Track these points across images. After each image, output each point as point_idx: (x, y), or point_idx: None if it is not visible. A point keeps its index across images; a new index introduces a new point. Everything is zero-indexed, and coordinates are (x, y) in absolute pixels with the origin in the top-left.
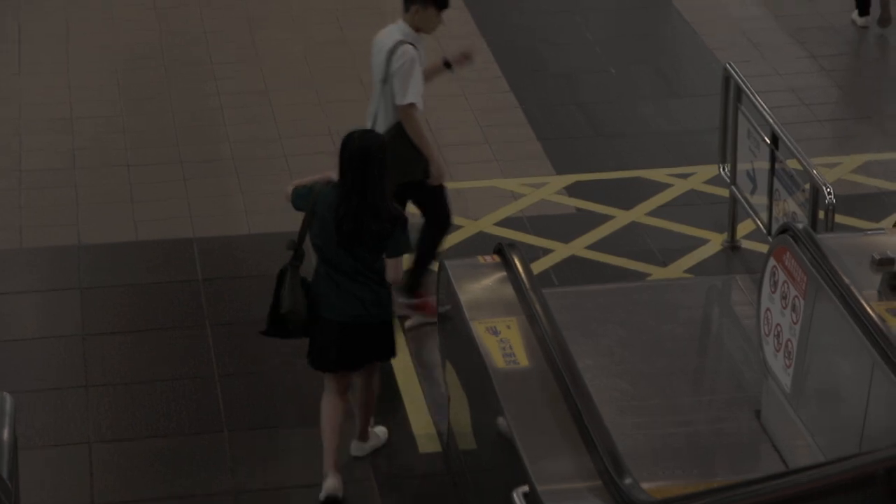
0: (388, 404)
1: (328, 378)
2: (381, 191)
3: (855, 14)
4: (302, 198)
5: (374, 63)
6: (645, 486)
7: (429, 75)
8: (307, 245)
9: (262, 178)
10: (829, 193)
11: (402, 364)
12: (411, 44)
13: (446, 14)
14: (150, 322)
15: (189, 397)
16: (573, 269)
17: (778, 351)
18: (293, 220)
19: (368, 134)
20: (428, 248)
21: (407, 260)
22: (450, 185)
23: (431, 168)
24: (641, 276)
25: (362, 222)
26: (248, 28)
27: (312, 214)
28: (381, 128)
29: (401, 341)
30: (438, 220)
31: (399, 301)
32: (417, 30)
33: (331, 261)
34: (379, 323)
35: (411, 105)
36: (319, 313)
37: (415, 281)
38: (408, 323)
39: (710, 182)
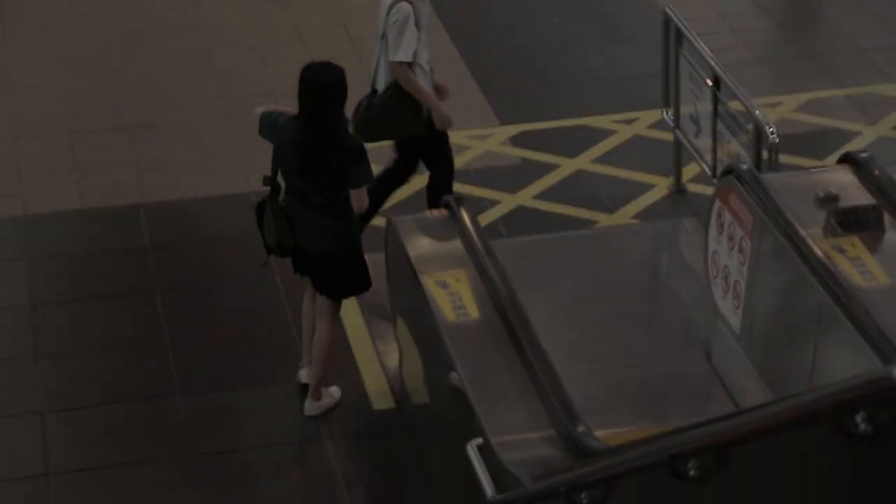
0: (339, 361)
1: (307, 282)
2: (338, 122)
3: None
4: (267, 127)
5: (380, 19)
6: (598, 433)
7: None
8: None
9: (205, 140)
10: (773, 133)
11: (354, 321)
12: (409, 2)
13: None
14: (99, 290)
15: (141, 363)
16: (521, 220)
17: (726, 292)
18: (238, 182)
19: (325, 66)
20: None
21: None
22: None
23: (434, 117)
24: (589, 223)
25: (321, 153)
26: (209, 50)
27: (278, 147)
28: (381, 83)
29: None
30: (444, 170)
31: None
32: None
33: (297, 192)
34: (346, 254)
35: (402, 63)
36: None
37: None
38: None
39: (653, 127)
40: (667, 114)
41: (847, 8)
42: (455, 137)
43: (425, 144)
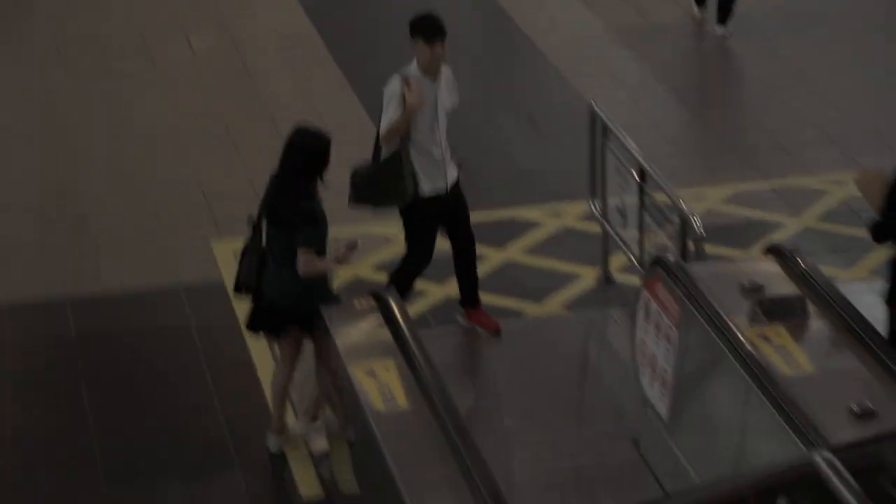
0: (268, 451)
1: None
2: (296, 184)
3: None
4: None
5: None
6: None
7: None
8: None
9: (132, 234)
10: (698, 224)
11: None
12: (406, 77)
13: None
14: (24, 382)
15: (63, 456)
16: (449, 310)
17: (654, 381)
18: (163, 276)
19: (312, 132)
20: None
21: None
22: None
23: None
24: (518, 313)
25: (275, 208)
26: (115, 93)
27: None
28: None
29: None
30: (417, 256)
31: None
32: (422, 66)
33: (266, 239)
34: (285, 309)
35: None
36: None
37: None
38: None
39: (581, 218)
40: (594, 205)
41: (767, 103)
42: (385, 229)
43: (408, 217)
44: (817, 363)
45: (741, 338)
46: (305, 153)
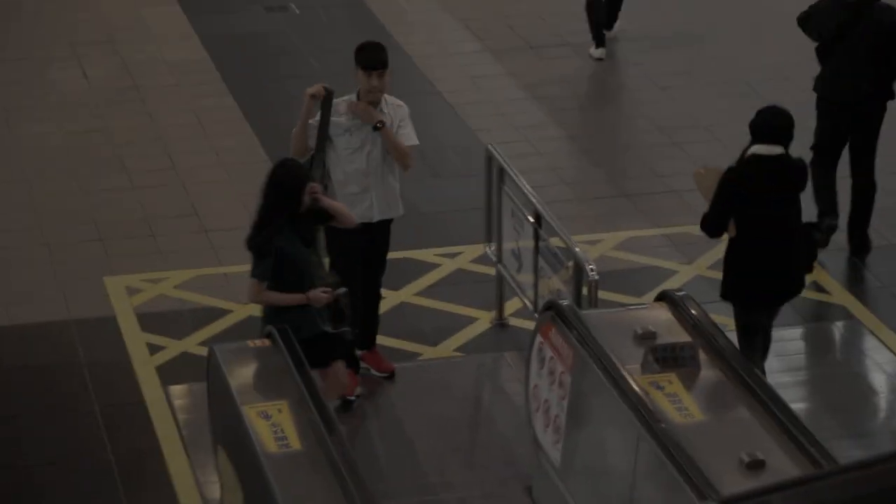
0: (157, 491)
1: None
2: (261, 214)
3: (593, 48)
4: None
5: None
6: None
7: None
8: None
9: (23, 268)
10: (592, 270)
11: (174, 450)
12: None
13: None
14: None
15: None
16: None
17: (547, 426)
18: (54, 310)
19: (283, 164)
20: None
21: None
22: (217, 270)
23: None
24: (413, 356)
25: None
26: (5, 121)
27: None
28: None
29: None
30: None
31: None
32: (361, 94)
33: None
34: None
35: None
36: None
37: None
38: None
39: (476, 261)
40: (489, 249)
41: (662, 151)
42: None
43: (329, 243)
44: (708, 411)
45: (633, 385)
46: (268, 181)
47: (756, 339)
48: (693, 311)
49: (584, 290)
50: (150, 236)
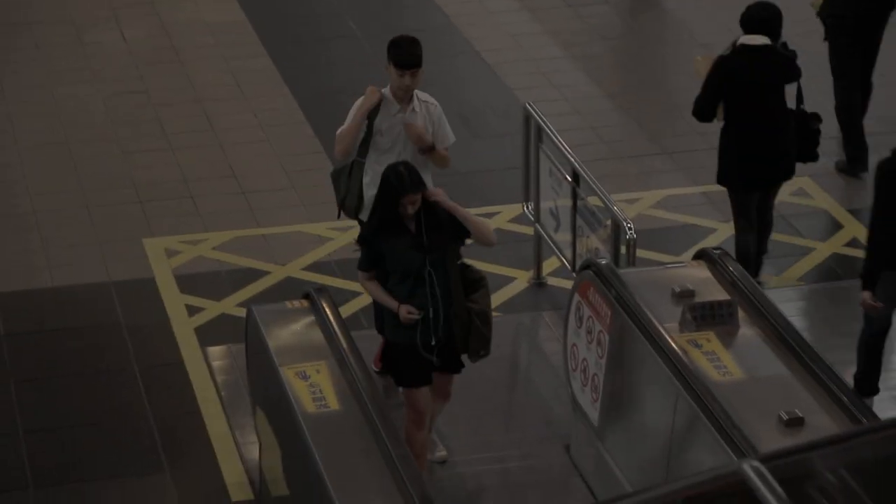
0: (198, 452)
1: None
2: (373, 207)
3: None
4: None
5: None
6: None
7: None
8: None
9: (64, 230)
10: (630, 229)
11: (213, 410)
12: (379, 93)
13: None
14: None
15: None
16: None
17: (585, 386)
18: (94, 273)
19: (395, 164)
20: None
21: None
22: (255, 232)
23: None
24: None
25: None
26: (45, 83)
27: None
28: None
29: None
30: None
31: None
32: (392, 91)
33: None
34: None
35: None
36: None
37: None
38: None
39: (514, 220)
40: (527, 208)
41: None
42: (317, 229)
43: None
44: (746, 370)
45: (671, 343)
46: (382, 185)
47: (751, 217)
48: (731, 269)
49: (623, 249)
50: (188, 198)
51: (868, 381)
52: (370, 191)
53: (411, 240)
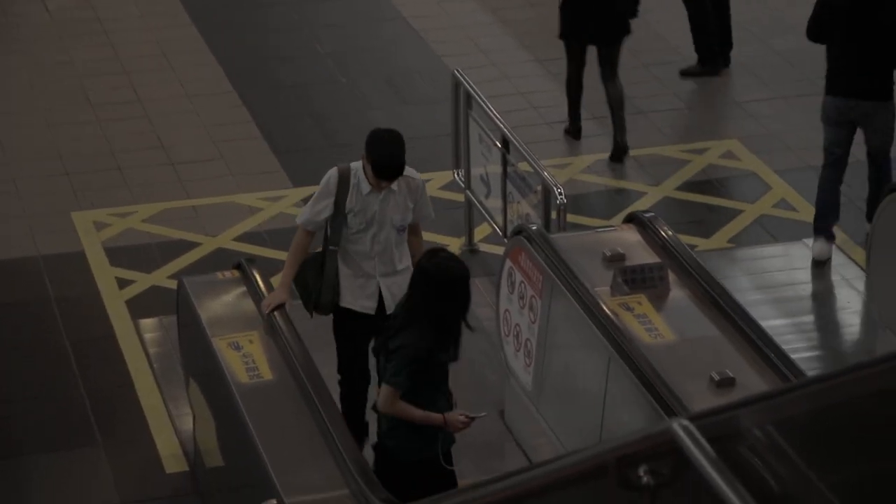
0: (132, 425)
1: None
2: (411, 310)
3: None
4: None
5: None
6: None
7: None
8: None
9: None
10: (560, 194)
11: (146, 383)
12: (346, 168)
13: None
14: None
15: None
16: None
17: (518, 351)
18: (22, 247)
19: (434, 251)
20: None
21: None
22: (185, 203)
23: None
24: None
25: (388, 338)
26: None
27: None
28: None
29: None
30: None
31: None
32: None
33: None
34: (388, 457)
35: (299, 226)
36: None
37: None
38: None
39: (445, 187)
40: (458, 175)
41: (631, 73)
42: (248, 199)
43: (334, 325)
44: (677, 331)
45: (603, 307)
46: (420, 279)
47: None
48: (662, 232)
49: (553, 214)
50: (116, 170)
51: (821, 220)
52: (351, 281)
53: (442, 347)
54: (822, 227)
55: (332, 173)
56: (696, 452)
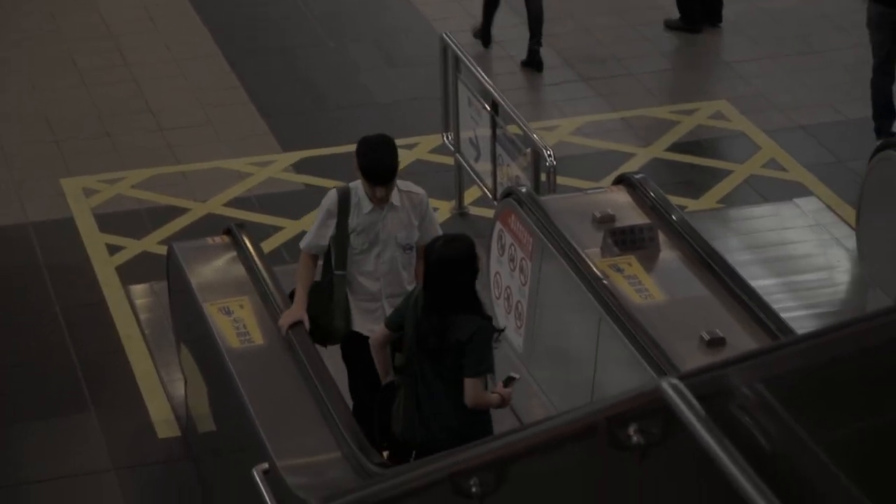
0: (123, 391)
1: None
2: (463, 300)
3: None
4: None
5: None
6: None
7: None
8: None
9: None
10: (550, 156)
11: (137, 349)
12: (345, 189)
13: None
14: None
15: None
16: None
17: (509, 313)
18: (12, 214)
19: (453, 242)
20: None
21: None
22: (174, 169)
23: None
24: None
25: (445, 337)
26: None
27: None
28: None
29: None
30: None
31: None
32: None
33: (417, 375)
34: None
35: (303, 251)
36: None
37: None
38: None
39: (434, 151)
40: (447, 138)
41: (620, 34)
42: (237, 164)
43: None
44: (667, 292)
45: (593, 268)
46: (457, 265)
47: None
48: (651, 193)
49: (543, 177)
50: (105, 136)
51: (877, 121)
52: (360, 305)
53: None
54: (879, 128)
55: (332, 194)
56: (685, 411)
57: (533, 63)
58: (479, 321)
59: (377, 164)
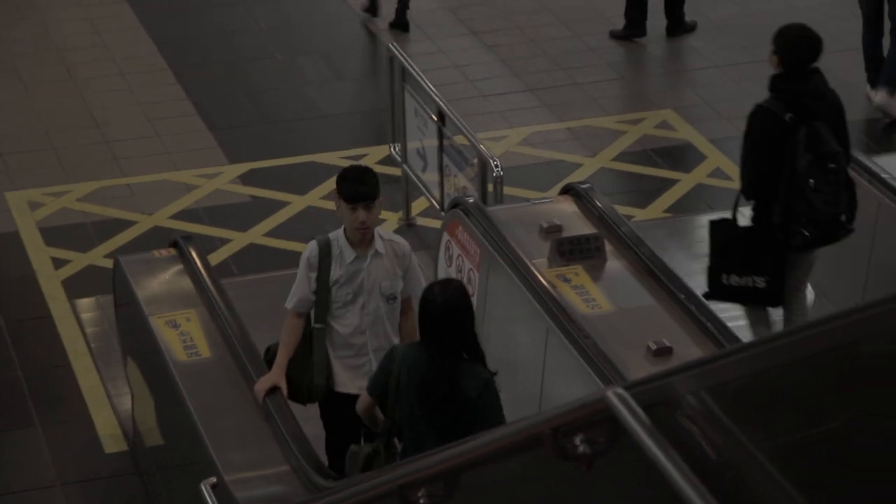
0: (69, 405)
1: None
2: (470, 344)
3: None
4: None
5: None
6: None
7: None
8: None
9: None
10: (497, 166)
11: (83, 363)
12: (325, 239)
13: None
14: None
15: None
16: (252, 257)
17: None
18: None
19: (449, 284)
20: None
21: None
22: (120, 181)
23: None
24: None
25: (455, 386)
26: None
27: (398, 385)
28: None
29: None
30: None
31: None
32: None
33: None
34: None
35: (289, 311)
36: None
37: None
38: None
39: (382, 162)
40: (394, 149)
41: (566, 45)
42: (183, 177)
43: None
44: (615, 302)
45: (540, 278)
46: (461, 307)
47: None
48: (598, 203)
49: (490, 187)
50: (50, 149)
51: (870, 73)
52: (343, 361)
53: None
54: (873, 79)
55: (312, 246)
56: (630, 420)
57: (398, 25)
58: (485, 375)
59: (357, 182)
